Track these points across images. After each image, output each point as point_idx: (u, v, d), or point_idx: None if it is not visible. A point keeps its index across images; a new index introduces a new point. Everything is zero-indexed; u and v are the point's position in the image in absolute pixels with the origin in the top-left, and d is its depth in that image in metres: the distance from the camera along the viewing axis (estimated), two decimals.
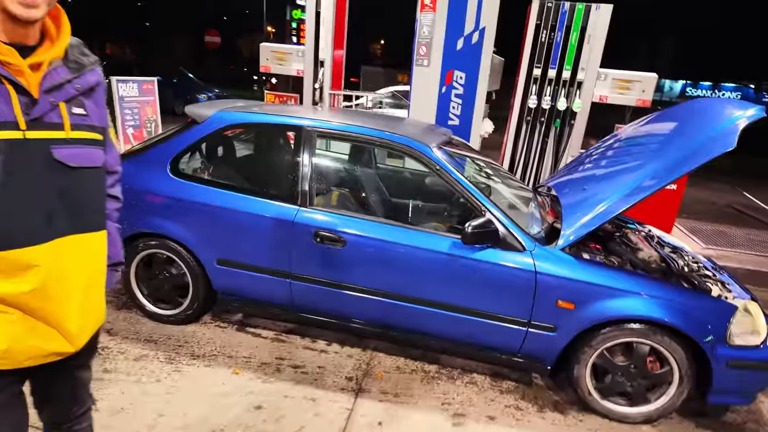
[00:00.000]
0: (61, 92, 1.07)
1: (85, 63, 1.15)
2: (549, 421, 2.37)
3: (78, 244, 1.12)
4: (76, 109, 1.11)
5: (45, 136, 1.03)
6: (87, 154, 1.13)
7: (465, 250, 2.34)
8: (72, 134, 1.09)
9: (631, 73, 4.67)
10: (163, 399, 2.27)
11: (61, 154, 1.06)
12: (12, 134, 0.98)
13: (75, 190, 1.11)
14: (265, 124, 2.79)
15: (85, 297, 1.16)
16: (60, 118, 1.07)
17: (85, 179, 1.14)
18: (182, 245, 2.67)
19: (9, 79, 0.98)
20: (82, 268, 1.14)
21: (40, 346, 1.10)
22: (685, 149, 2.27)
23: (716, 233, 5.45)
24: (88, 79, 1.15)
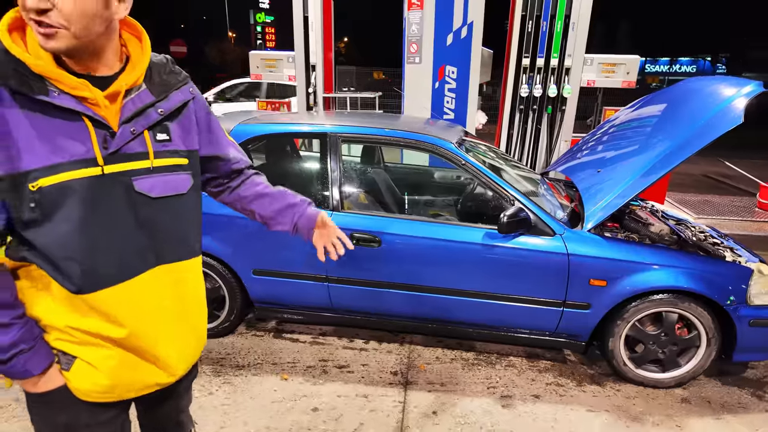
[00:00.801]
0: (143, 119, 1.01)
1: (172, 83, 1.08)
2: (590, 394, 2.51)
3: (168, 275, 1.08)
4: (160, 135, 1.05)
5: (126, 168, 0.98)
6: (169, 182, 1.06)
7: (499, 239, 2.44)
8: (156, 162, 1.03)
9: (615, 57, 4.87)
10: (220, 411, 2.31)
11: (142, 186, 1.01)
12: (90, 171, 0.93)
13: (160, 221, 1.05)
14: (288, 134, 2.82)
15: (180, 327, 1.13)
16: (143, 147, 1.01)
17: (170, 208, 1.07)
18: (217, 259, 2.69)
19: (86, 114, 0.93)
20: (175, 299, 1.11)
21: (142, 380, 1.10)
22: (693, 128, 2.43)
23: (702, 203, 5.74)
24: (174, 99, 1.07)
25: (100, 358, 1.03)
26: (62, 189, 0.91)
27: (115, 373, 1.05)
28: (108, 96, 0.95)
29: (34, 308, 1.00)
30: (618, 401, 2.46)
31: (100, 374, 1.04)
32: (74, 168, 0.91)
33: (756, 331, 2.39)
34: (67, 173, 0.91)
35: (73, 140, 0.92)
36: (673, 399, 2.49)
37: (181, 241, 1.11)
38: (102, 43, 0.95)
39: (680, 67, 35.23)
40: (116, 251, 0.99)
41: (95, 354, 1.03)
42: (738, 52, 29.37)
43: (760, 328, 2.39)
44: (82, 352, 1.02)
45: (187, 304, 1.15)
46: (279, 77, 5.38)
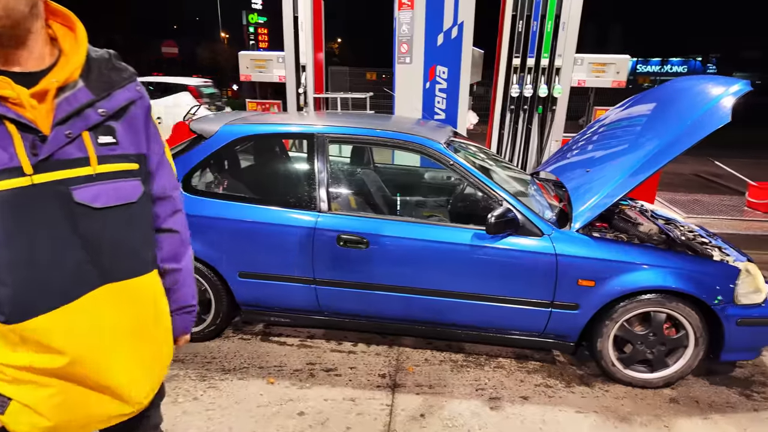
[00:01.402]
0: (81, 120, 0.89)
1: (116, 80, 0.96)
2: (578, 395, 2.50)
3: (118, 295, 0.97)
4: (104, 137, 0.93)
5: (62, 177, 0.86)
6: (117, 189, 0.95)
7: (487, 239, 2.43)
8: (99, 169, 0.91)
9: (605, 57, 4.88)
10: (204, 416, 2.27)
11: (83, 195, 0.89)
12: (15, 182, 0.82)
13: (106, 235, 0.94)
14: (274, 134, 2.80)
15: (138, 350, 1.02)
16: (83, 152, 0.89)
17: (118, 219, 0.96)
18: (202, 262, 2.66)
19: (7, 117, 0.81)
20: (129, 319, 0.99)
21: (97, 414, 0.98)
22: (680, 128, 2.43)
23: (692, 202, 5.76)
24: (118, 98, 0.96)
25: (40, 399, 0.91)
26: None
27: (60, 411, 0.93)
28: (35, 95, 0.83)
29: None
30: (607, 402, 2.45)
31: (40, 417, 0.92)
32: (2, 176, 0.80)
33: (743, 330, 2.39)
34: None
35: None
36: (661, 399, 2.49)
37: (133, 256, 1.00)
38: (27, 27, 0.83)
39: (671, 67, 35.50)
40: (51, 272, 0.87)
41: (33, 394, 0.91)
42: (729, 51, 29.67)
43: (747, 328, 2.38)
44: (17, 393, 0.90)
45: (144, 325, 1.04)
46: (269, 77, 5.35)
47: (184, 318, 1.22)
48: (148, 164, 1.06)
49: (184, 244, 1.21)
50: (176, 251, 1.17)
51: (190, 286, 1.23)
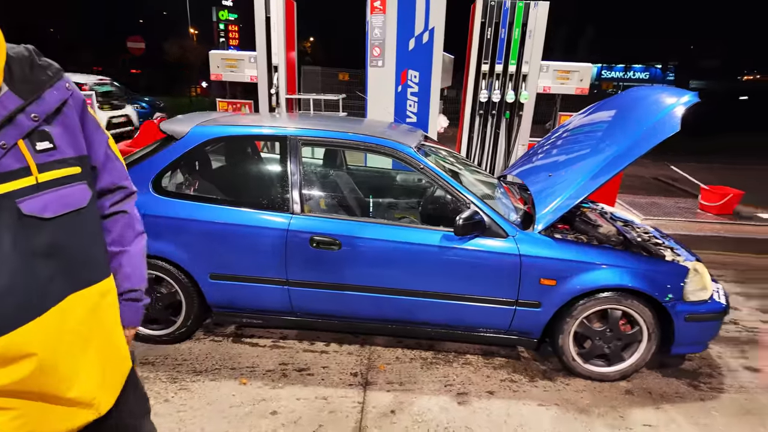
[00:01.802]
0: (12, 128, 0.83)
1: (43, 79, 0.89)
2: (541, 389, 2.62)
3: (82, 304, 0.94)
4: (41, 143, 0.87)
5: (4, 191, 0.82)
6: (64, 196, 0.91)
7: (455, 241, 2.51)
8: (42, 177, 0.86)
9: (569, 64, 5.07)
10: (176, 418, 2.27)
11: (31, 207, 0.84)
12: None
13: (62, 245, 0.90)
14: (247, 137, 2.81)
15: (100, 357, 0.99)
16: (22, 162, 0.84)
17: (73, 226, 0.93)
18: (172, 263, 2.65)
19: None
20: (93, 327, 0.97)
21: (62, 426, 0.95)
22: (636, 135, 2.58)
23: (650, 204, 6.05)
24: (49, 100, 0.89)
25: (1, 423, 0.87)
26: None
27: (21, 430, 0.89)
28: None
29: None
30: (567, 395, 2.58)
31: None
32: None
33: (691, 325, 2.56)
34: None
35: None
36: (617, 391, 2.63)
37: (91, 262, 0.98)
38: None
39: (634, 73, 36.92)
40: (15, 289, 0.83)
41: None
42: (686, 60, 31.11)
43: (694, 323, 2.56)
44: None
45: (107, 329, 1.02)
46: (240, 77, 5.32)
47: (129, 306, 1.15)
48: (92, 162, 1.02)
49: (132, 227, 1.14)
50: (123, 233, 1.12)
51: (137, 269, 1.16)
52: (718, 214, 5.62)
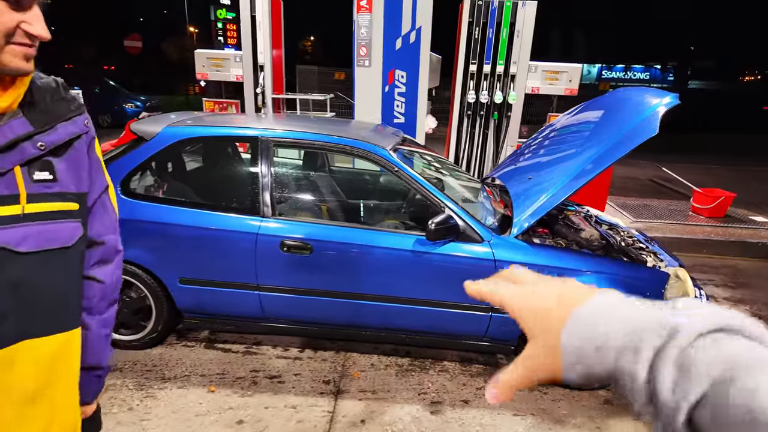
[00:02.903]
0: (13, 154, 0.81)
1: (62, 112, 0.89)
2: (517, 398, 2.55)
3: (31, 355, 0.85)
4: (40, 173, 0.85)
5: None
6: (48, 232, 0.86)
7: (429, 245, 2.45)
8: (29, 208, 0.82)
9: (558, 65, 5.00)
10: (138, 427, 2.21)
11: (6, 237, 0.80)
12: None
13: (30, 284, 0.84)
14: (218, 137, 2.74)
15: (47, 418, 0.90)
16: (12, 189, 0.81)
17: (47, 266, 0.86)
18: (141, 267, 2.58)
19: None
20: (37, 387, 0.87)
21: None
22: (618, 136, 2.51)
23: (642, 207, 5.98)
24: (61, 132, 0.88)
25: None
26: None
27: None
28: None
29: None
30: (544, 404, 2.51)
31: None
32: None
33: None
34: None
35: None
36: (596, 401, 2.57)
37: (60, 309, 0.90)
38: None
39: (634, 74, 36.83)
40: None
41: None
42: (686, 61, 31.03)
43: None
44: None
45: (58, 391, 0.91)
46: (226, 77, 5.25)
47: (90, 380, 1.04)
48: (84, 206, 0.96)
49: (105, 299, 1.05)
50: (91, 304, 1.03)
51: (103, 346, 1.06)
52: (710, 217, 5.56)
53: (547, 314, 0.41)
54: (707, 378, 0.31)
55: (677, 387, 0.32)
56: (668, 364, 0.32)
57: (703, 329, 0.33)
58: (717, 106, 21.10)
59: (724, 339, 0.32)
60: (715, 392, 0.30)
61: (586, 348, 0.37)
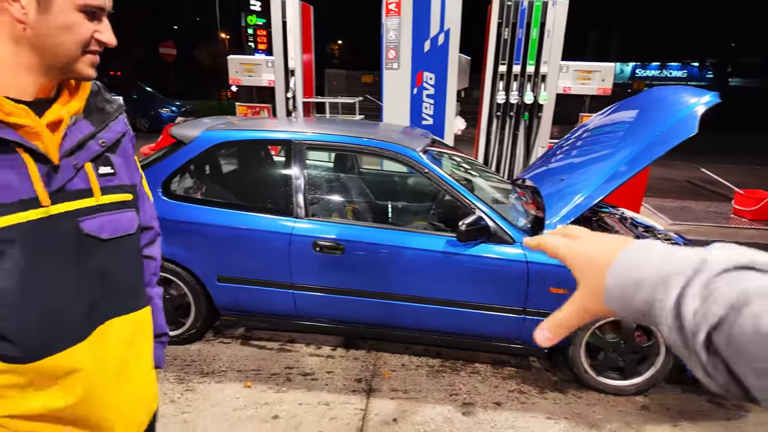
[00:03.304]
0: (84, 151, 0.88)
1: (110, 111, 0.96)
2: (551, 401, 2.53)
3: (118, 330, 0.95)
4: (104, 168, 0.93)
5: (72, 208, 0.86)
6: (120, 220, 0.95)
7: (459, 247, 2.46)
8: (102, 199, 0.91)
9: (590, 64, 4.91)
10: (180, 419, 2.30)
11: (90, 227, 0.88)
12: (33, 214, 0.80)
13: (112, 266, 0.93)
14: (253, 141, 2.83)
15: (130, 389, 0.99)
16: (87, 183, 0.88)
17: (122, 251, 0.96)
18: (181, 266, 2.69)
19: (23, 145, 0.78)
20: (125, 358, 0.97)
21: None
22: (654, 136, 2.46)
23: (680, 209, 5.80)
24: (114, 130, 0.96)
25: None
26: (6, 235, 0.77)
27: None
28: (49, 125, 0.82)
29: None
30: (578, 408, 2.48)
31: None
32: (12, 211, 0.78)
33: None
34: (4, 217, 0.77)
35: (9, 177, 0.78)
36: (633, 406, 2.52)
37: (134, 289, 1.00)
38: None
39: (670, 72, 35.59)
40: (68, 306, 0.86)
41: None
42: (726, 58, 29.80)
43: None
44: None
45: (143, 362, 1.03)
46: (258, 81, 5.39)
47: (158, 347, 1.16)
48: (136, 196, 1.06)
49: (157, 273, 1.18)
50: (151, 278, 1.15)
51: (162, 313, 1.20)
52: (754, 219, 5.33)
53: (597, 257, 0.46)
54: (725, 304, 0.34)
55: (699, 311, 0.35)
56: (694, 292, 0.36)
57: (729, 265, 0.36)
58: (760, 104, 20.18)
59: (748, 273, 0.35)
60: (730, 316, 0.33)
61: (627, 283, 0.41)
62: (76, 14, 0.79)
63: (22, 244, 0.79)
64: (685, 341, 0.36)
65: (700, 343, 0.35)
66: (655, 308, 0.39)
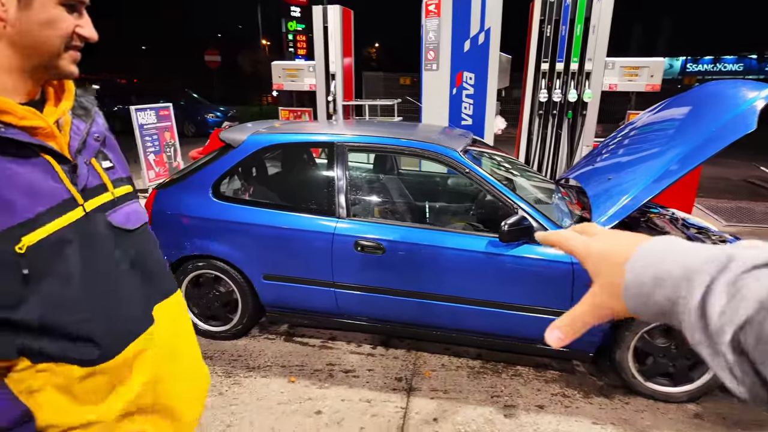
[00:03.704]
0: (88, 148, 0.87)
1: (90, 107, 0.93)
2: (596, 406, 2.47)
3: (164, 315, 0.96)
4: (105, 162, 0.92)
5: (98, 204, 0.85)
6: (135, 211, 0.95)
7: (501, 247, 2.44)
8: (116, 192, 0.91)
9: (638, 60, 4.74)
10: (228, 411, 2.40)
11: (119, 219, 0.89)
12: (76, 214, 0.79)
13: (145, 255, 0.95)
14: (298, 143, 2.91)
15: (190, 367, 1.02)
16: (99, 179, 0.88)
17: (147, 239, 0.97)
18: (229, 264, 2.80)
19: (44, 147, 0.77)
20: (175, 341, 0.99)
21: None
22: (707, 133, 2.36)
23: (736, 209, 5.49)
24: (99, 123, 0.94)
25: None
26: (56, 242, 0.76)
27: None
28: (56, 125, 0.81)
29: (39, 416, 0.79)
30: (626, 414, 2.40)
31: None
32: (58, 214, 0.77)
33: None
34: (54, 222, 0.76)
35: (42, 181, 0.77)
36: (684, 414, 2.42)
37: (166, 273, 1.02)
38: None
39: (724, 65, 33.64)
40: (125, 300, 0.88)
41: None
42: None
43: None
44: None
45: (190, 342, 1.05)
46: (300, 86, 5.52)
47: None
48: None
49: None
50: None
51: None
52: None
53: (613, 252, 0.43)
54: (754, 301, 0.32)
55: (725, 310, 0.33)
56: (720, 289, 0.34)
57: (758, 261, 0.34)
58: None
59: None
60: (760, 314, 0.31)
61: (646, 279, 0.39)
62: (57, 8, 0.76)
63: (79, 244, 0.79)
64: (710, 341, 0.34)
65: (726, 343, 0.33)
66: (678, 305, 0.36)
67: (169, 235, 2.85)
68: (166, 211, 2.84)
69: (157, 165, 6.23)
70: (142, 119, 6.04)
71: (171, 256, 2.86)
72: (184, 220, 2.81)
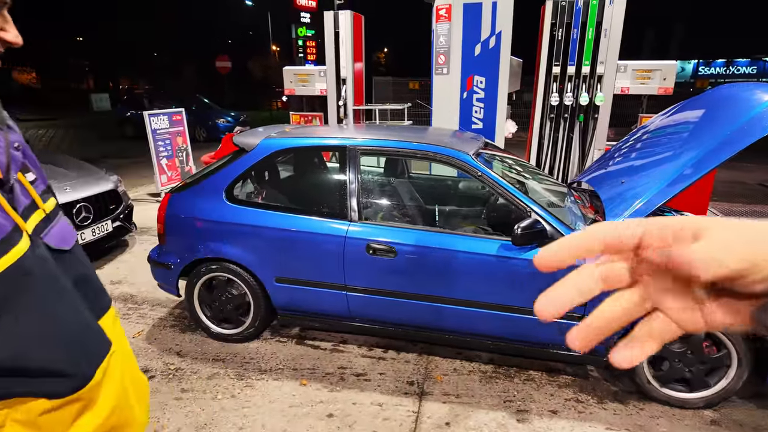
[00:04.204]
0: (14, 162, 0.75)
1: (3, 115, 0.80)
2: (611, 412, 2.44)
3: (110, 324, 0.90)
4: (29, 175, 0.80)
5: (34, 225, 0.74)
6: (66, 226, 0.84)
7: (514, 251, 2.43)
8: (46, 208, 0.80)
9: (650, 63, 4.71)
10: (240, 413, 2.41)
11: (54, 241, 0.77)
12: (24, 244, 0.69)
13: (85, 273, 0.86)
14: (310, 147, 2.94)
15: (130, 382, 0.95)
16: (27, 196, 0.76)
17: (81, 254, 0.88)
18: (242, 267, 2.82)
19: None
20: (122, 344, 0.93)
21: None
22: (722, 136, 2.34)
23: (751, 214, 5.41)
24: (16, 131, 0.82)
25: None
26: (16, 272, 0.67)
27: None
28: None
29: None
30: (640, 420, 2.37)
31: None
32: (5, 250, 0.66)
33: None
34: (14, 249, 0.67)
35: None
36: (701, 420, 2.38)
37: (100, 289, 0.92)
38: None
39: (737, 68, 33.25)
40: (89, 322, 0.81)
41: None
42: None
43: None
44: None
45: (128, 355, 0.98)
46: (311, 91, 5.56)
47: None
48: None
49: None
50: None
51: None
52: None
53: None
54: None
55: None
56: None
57: None
58: None
59: None
60: None
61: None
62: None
63: (39, 274, 0.71)
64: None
65: None
66: None
67: (183, 239, 2.89)
68: (180, 215, 2.88)
69: (170, 169, 6.30)
70: (155, 124, 6.12)
71: (184, 259, 2.89)
72: (197, 224, 2.84)
